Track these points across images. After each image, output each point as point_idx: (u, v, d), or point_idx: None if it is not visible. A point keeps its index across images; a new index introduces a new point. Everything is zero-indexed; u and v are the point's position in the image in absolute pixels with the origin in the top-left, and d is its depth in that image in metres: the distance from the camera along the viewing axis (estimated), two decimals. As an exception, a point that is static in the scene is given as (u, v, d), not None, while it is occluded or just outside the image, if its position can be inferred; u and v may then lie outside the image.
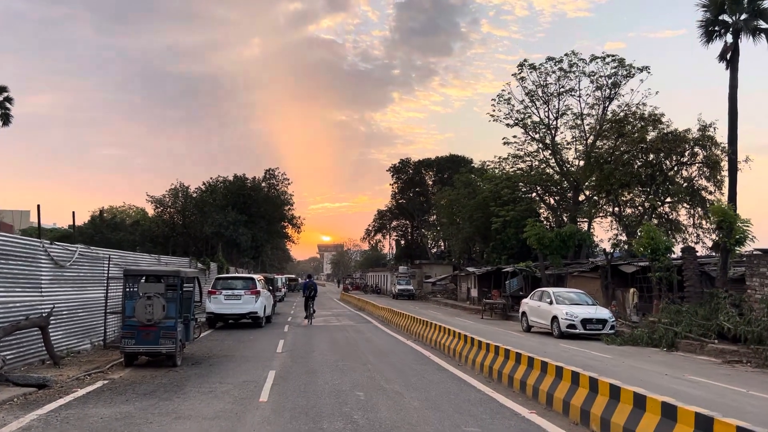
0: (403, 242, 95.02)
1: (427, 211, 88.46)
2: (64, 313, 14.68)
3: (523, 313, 25.49)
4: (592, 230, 40.87)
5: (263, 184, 72.87)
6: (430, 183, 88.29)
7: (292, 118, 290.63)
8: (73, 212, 77.91)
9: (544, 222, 43.77)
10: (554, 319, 22.79)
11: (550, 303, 23.36)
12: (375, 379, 12.07)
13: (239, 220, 65.52)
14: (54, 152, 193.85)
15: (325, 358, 15.15)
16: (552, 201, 49.53)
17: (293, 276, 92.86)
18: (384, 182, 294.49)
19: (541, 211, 51.03)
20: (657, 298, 25.07)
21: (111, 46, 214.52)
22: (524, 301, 26.02)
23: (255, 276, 25.80)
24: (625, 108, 39.10)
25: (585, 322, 21.99)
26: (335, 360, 14.71)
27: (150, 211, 70.80)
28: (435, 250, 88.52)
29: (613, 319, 22.61)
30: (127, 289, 13.80)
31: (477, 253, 64.52)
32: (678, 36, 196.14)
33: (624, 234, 37.94)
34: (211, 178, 74.30)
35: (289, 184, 73.54)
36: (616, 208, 38.25)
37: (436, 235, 79.80)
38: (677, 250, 29.54)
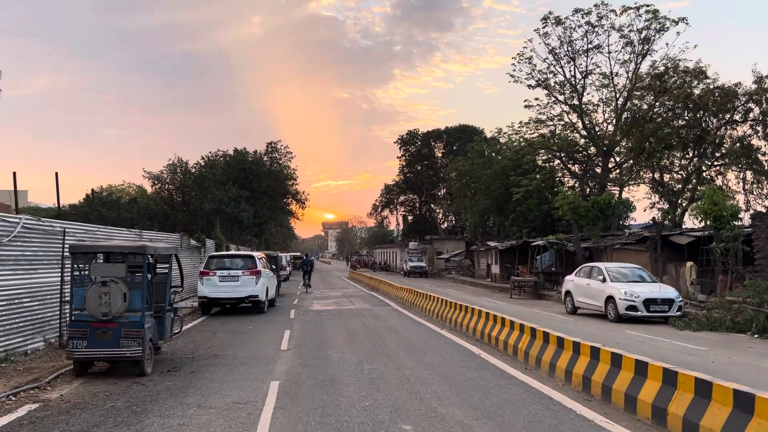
0: (411, 217, 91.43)
1: (436, 184, 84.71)
2: (1, 303, 11.15)
3: (567, 292, 21.90)
4: (632, 198, 37.06)
5: (265, 158, 69.18)
6: (439, 155, 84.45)
7: (294, 96, 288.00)
8: (56, 180, 74.43)
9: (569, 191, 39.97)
10: (609, 299, 19.21)
11: (603, 280, 19.76)
12: (420, 395, 8.51)
13: (240, 195, 61.97)
14: (55, 133, 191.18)
15: (345, 357, 11.60)
16: (576, 169, 45.73)
17: (298, 254, 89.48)
18: (387, 159, 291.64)
19: (566, 179, 47.36)
20: (723, 273, 21.48)
21: (110, 26, 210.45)
22: (568, 278, 22.41)
23: (255, 253, 22.21)
24: (666, 61, 35.05)
25: (648, 302, 18.41)
26: (358, 362, 11.17)
27: (148, 188, 67.45)
28: (445, 225, 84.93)
29: (681, 298, 19.02)
30: (77, 273, 10.23)
31: (492, 227, 60.93)
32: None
33: (664, 202, 34.29)
34: (210, 152, 70.66)
35: (292, 157, 69.82)
36: (656, 174, 34.46)
37: (447, 209, 75.99)
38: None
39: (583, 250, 31.23)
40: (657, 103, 32.67)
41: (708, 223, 22.08)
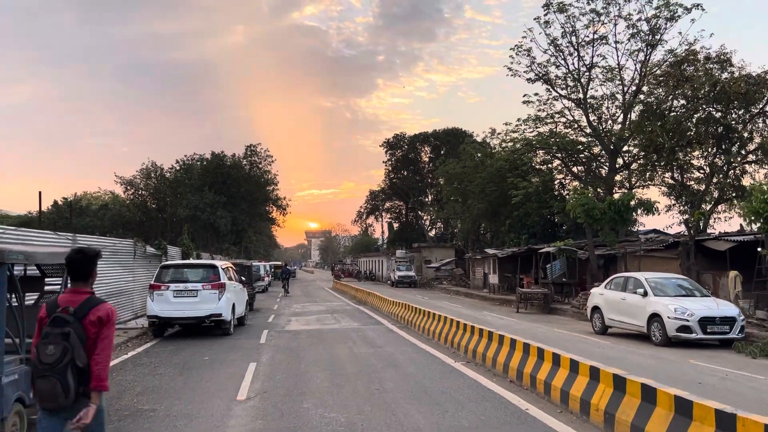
0: (397, 225, 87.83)
1: (424, 190, 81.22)
2: None
3: (596, 308, 18.27)
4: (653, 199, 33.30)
5: (244, 162, 65.35)
6: (426, 160, 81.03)
7: (277, 105, 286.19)
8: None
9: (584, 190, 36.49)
10: (654, 318, 15.63)
11: (644, 294, 16.16)
12: None
13: (217, 201, 58.07)
14: (34, 140, 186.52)
15: (328, 417, 7.83)
16: (577, 170, 42.30)
17: (279, 263, 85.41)
18: (370, 168, 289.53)
19: (567, 181, 43.97)
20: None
21: (93, 34, 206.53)
22: (596, 291, 18.79)
23: (218, 263, 18.31)
24: (685, 48, 31.66)
25: (705, 322, 14.86)
26: (349, 425, 7.42)
27: (122, 195, 63.28)
28: (433, 232, 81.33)
29: (743, 317, 15.47)
30: None
31: (484, 234, 57.38)
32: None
33: (683, 204, 30.87)
34: (185, 156, 66.72)
35: (272, 161, 66.11)
36: (675, 173, 31.04)
37: (436, 216, 72.35)
38: None
39: (599, 258, 27.73)
40: (676, 94, 29.23)
41: (759, 225, 18.62)
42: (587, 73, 37.54)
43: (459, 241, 65.08)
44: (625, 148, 37.20)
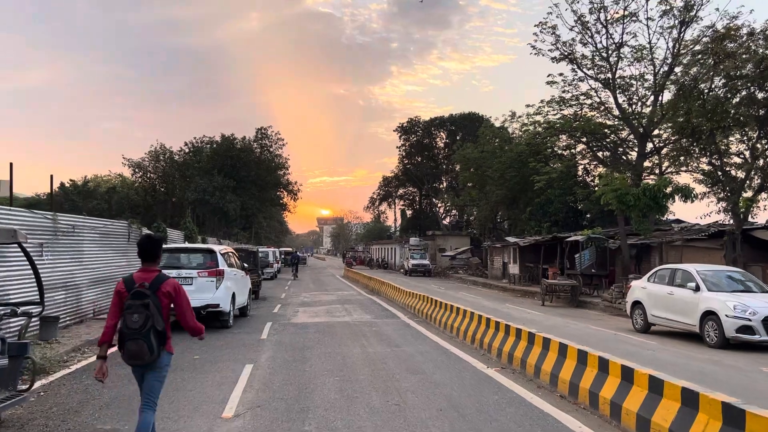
0: (410, 212, 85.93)
1: (438, 177, 79.15)
2: None
3: (637, 303, 16.36)
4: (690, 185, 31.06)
5: (254, 145, 63.67)
6: (441, 145, 78.92)
7: (291, 92, 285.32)
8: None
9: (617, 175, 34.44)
10: (708, 315, 13.72)
11: (696, 289, 14.24)
12: None
13: (227, 185, 56.54)
14: (49, 125, 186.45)
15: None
16: (602, 155, 40.18)
17: (290, 249, 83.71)
18: (383, 156, 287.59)
19: (591, 167, 41.93)
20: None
21: (109, 20, 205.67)
22: (637, 284, 16.86)
23: (216, 247, 16.50)
24: (726, 21, 29.38)
25: (769, 321, 12.96)
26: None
27: (129, 177, 61.84)
28: (447, 220, 79.39)
29: (813, 316, 13.53)
30: None
31: (501, 222, 55.40)
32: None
33: (722, 190, 28.71)
34: (194, 138, 65.14)
35: (283, 144, 64.41)
36: (714, 158, 28.85)
37: (452, 203, 70.29)
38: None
39: (631, 247, 25.76)
40: (718, 70, 27.00)
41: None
42: (616, 52, 35.36)
43: (474, 230, 63.18)
44: (656, 131, 35.08)
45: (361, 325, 16.21)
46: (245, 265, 19.12)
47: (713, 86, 27.59)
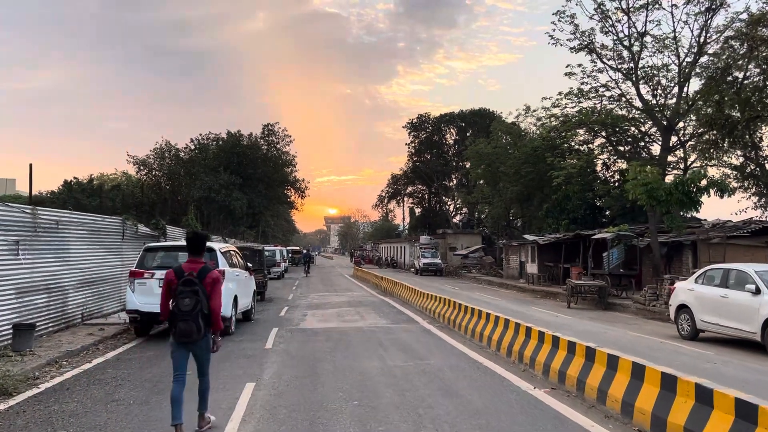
0: (419, 210, 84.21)
1: (448, 174, 77.42)
2: None
3: (683, 306, 14.72)
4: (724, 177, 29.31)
5: (261, 142, 62.16)
6: (451, 142, 77.23)
7: (298, 92, 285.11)
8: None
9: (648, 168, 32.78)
10: (771, 322, 12.10)
11: (756, 292, 12.59)
12: None
13: (233, 182, 55.04)
14: (57, 124, 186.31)
15: None
16: (623, 149, 38.52)
17: (297, 248, 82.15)
18: (390, 155, 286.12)
19: (610, 162, 40.31)
20: None
21: (116, 20, 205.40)
22: (682, 286, 15.22)
23: (217, 245, 14.91)
24: (762, 5, 27.65)
25: None
26: None
27: (134, 174, 60.48)
28: (458, 218, 77.73)
29: None
30: None
31: (514, 219, 53.73)
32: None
33: (753, 185, 27.08)
34: (200, 135, 63.73)
35: (291, 141, 62.85)
36: (746, 151, 27.19)
37: (464, 200, 68.60)
38: None
39: (661, 245, 24.09)
40: (752, 56, 25.34)
41: None
42: (638, 41, 33.64)
43: (486, 228, 61.54)
44: (680, 124, 33.41)
45: (377, 332, 14.64)
46: (249, 264, 17.54)
47: (747, 74, 25.97)
